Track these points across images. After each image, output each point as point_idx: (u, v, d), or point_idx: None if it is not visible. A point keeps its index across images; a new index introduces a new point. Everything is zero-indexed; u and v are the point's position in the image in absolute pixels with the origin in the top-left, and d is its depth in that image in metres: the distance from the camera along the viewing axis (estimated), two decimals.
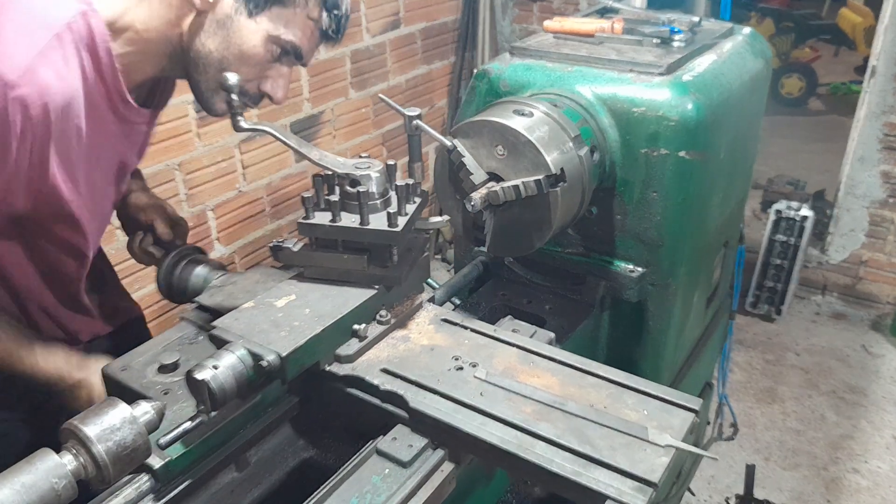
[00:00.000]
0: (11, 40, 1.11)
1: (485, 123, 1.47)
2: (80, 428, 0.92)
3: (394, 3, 3.78)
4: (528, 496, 1.60)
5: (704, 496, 2.94)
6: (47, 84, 1.12)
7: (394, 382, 1.15)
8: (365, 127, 3.83)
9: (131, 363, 1.27)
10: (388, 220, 1.18)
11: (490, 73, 1.75)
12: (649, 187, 1.60)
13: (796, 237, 3.85)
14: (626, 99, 1.58)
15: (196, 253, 1.58)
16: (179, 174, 2.96)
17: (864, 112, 3.68)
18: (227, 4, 1.28)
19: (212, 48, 1.30)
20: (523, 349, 1.24)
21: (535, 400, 1.11)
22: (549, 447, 1.03)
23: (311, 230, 1.22)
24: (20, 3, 1.15)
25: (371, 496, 1.02)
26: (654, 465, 0.99)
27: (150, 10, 1.27)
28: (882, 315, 4.02)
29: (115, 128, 1.33)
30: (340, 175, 1.22)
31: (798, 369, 3.69)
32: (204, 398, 1.01)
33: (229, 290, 1.43)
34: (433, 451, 1.10)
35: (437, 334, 1.27)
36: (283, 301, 1.19)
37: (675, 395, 1.12)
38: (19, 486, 0.86)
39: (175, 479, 1.07)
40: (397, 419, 1.14)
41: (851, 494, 2.96)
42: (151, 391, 1.20)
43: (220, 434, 1.12)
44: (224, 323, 1.14)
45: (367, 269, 1.22)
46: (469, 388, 1.14)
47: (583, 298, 1.72)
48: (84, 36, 1.18)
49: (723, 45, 1.85)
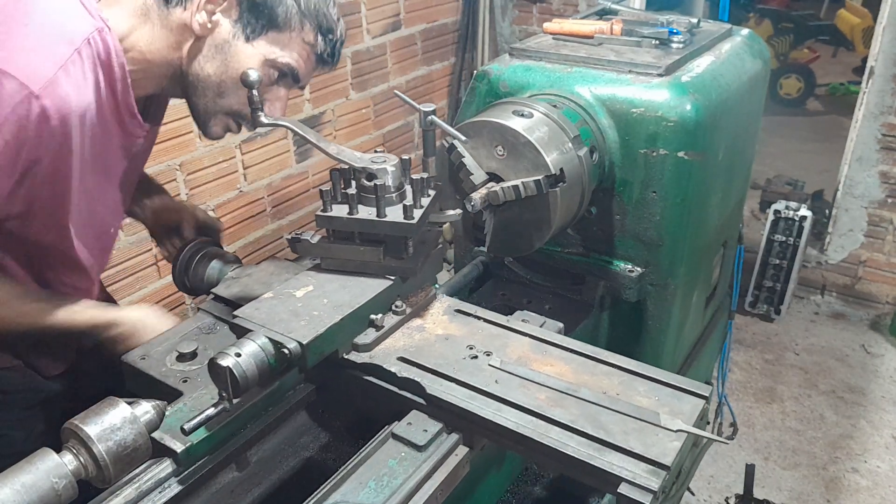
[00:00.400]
0: (33, 50, 1.14)
1: (485, 124, 1.47)
2: (80, 427, 0.92)
3: (394, 4, 3.79)
4: (528, 496, 1.61)
5: (704, 496, 2.94)
6: (67, 97, 1.15)
7: (410, 370, 1.18)
8: (365, 127, 3.84)
9: (150, 352, 1.30)
10: (403, 213, 1.21)
11: (490, 74, 1.76)
12: (648, 187, 1.61)
13: (795, 237, 3.85)
14: (625, 100, 1.58)
15: (211, 246, 1.61)
16: (180, 174, 2.97)
17: (862, 112, 3.68)
18: (224, 30, 1.31)
19: (210, 72, 1.33)
20: (536, 338, 1.27)
21: (549, 387, 1.14)
22: (563, 432, 1.06)
23: (328, 222, 1.25)
24: (35, 12, 1.18)
25: (388, 479, 1.04)
26: (667, 449, 1.01)
27: (153, 33, 1.30)
28: (881, 315, 4.02)
29: (118, 141, 1.35)
30: (357, 169, 1.24)
31: (797, 369, 3.70)
32: (226, 385, 1.03)
33: (245, 281, 1.46)
34: (447, 436, 1.13)
35: (452, 324, 1.30)
36: (301, 291, 1.23)
37: (686, 382, 1.15)
38: (19, 485, 0.86)
39: (195, 464, 1.09)
40: (413, 406, 1.17)
41: (851, 494, 2.96)
42: (170, 379, 1.23)
43: (240, 419, 1.15)
44: (245, 312, 1.17)
45: (383, 260, 1.25)
46: (484, 375, 1.17)
47: (582, 298, 1.72)
48: (101, 52, 1.21)
49: (721, 47, 1.86)
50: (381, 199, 1.21)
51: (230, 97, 1.36)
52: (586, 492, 1.62)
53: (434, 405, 1.14)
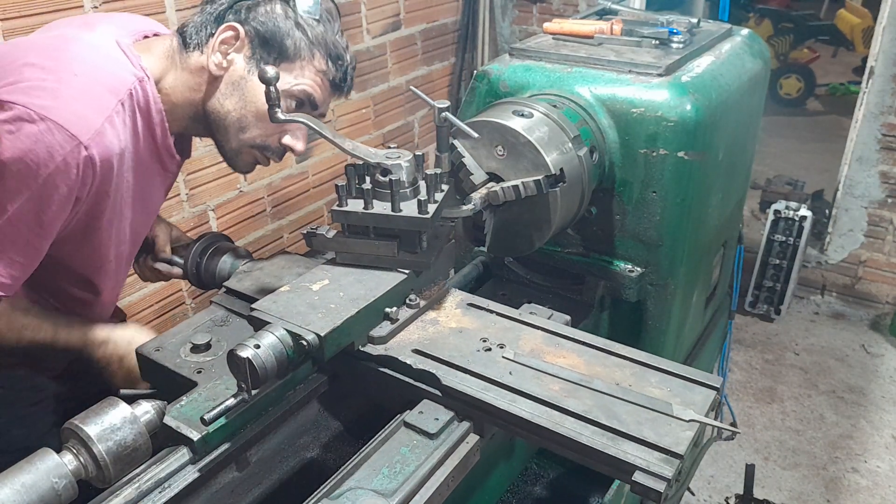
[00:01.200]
0: (80, 101, 1.21)
1: (485, 124, 1.47)
2: (80, 427, 0.93)
3: (394, 4, 3.79)
4: (529, 496, 1.61)
5: (704, 496, 2.95)
6: (112, 146, 1.24)
7: (425, 362, 1.19)
8: (366, 127, 3.84)
9: (164, 344, 1.32)
10: (418, 207, 1.22)
11: (490, 74, 1.76)
12: (648, 187, 1.61)
13: (795, 237, 3.85)
14: (625, 100, 1.58)
15: (222, 241, 1.64)
16: (181, 174, 2.96)
17: (862, 112, 3.69)
18: (239, 67, 1.37)
19: (230, 108, 1.39)
20: (548, 331, 1.28)
21: (563, 378, 1.16)
22: (577, 422, 1.07)
23: (344, 217, 1.26)
24: (84, 62, 1.26)
25: (401, 465, 1.06)
26: (680, 438, 1.03)
27: (177, 77, 1.38)
28: (881, 315, 4.03)
29: (160, 179, 1.45)
30: (372, 164, 1.26)
31: (797, 369, 3.70)
32: (245, 377, 1.04)
33: (256, 275, 1.48)
34: (458, 424, 1.15)
35: (465, 317, 1.31)
36: (318, 285, 1.24)
37: (697, 374, 1.16)
38: (19, 485, 0.86)
39: (212, 451, 1.11)
40: (427, 396, 1.18)
41: (851, 494, 2.96)
42: (185, 370, 1.24)
43: (255, 408, 1.16)
44: (263, 305, 1.18)
45: (398, 254, 1.27)
46: (498, 367, 1.18)
47: (582, 298, 1.72)
48: (141, 101, 1.30)
49: (721, 47, 1.86)
50: (396, 194, 1.22)
51: (252, 130, 1.41)
52: (587, 491, 1.62)
53: (450, 396, 1.15)
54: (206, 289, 1.65)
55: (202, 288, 1.64)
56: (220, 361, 1.24)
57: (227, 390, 1.15)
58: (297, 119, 1.26)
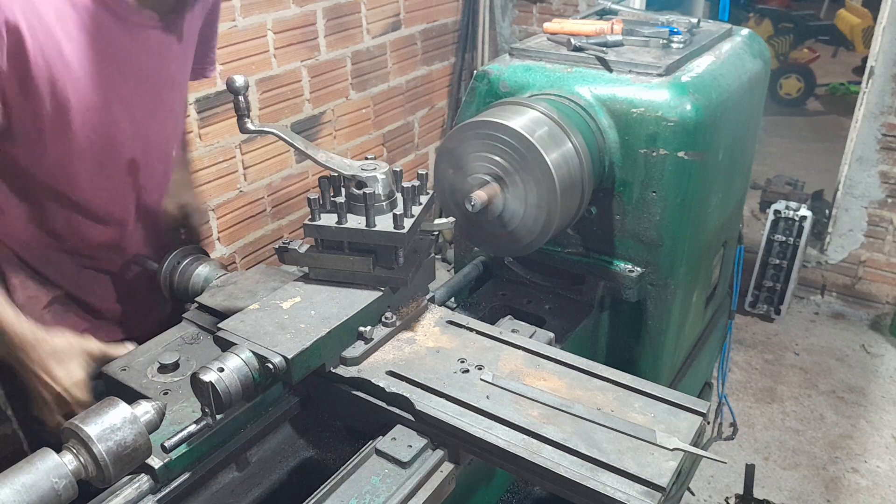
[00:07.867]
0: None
1: (485, 124, 1.47)
2: (80, 427, 0.92)
3: (394, 4, 3.78)
4: (528, 496, 1.61)
5: (704, 496, 2.94)
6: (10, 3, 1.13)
7: (399, 385, 1.15)
8: (365, 127, 3.83)
9: (131, 363, 1.27)
10: (394, 222, 1.17)
11: (490, 73, 1.76)
12: (648, 187, 1.61)
13: (795, 237, 3.85)
14: (625, 100, 1.58)
15: (197, 252, 1.58)
16: None
17: (862, 112, 3.68)
18: None
19: None
20: (529, 351, 1.23)
21: (542, 403, 1.11)
22: (555, 451, 1.03)
23: (317, 231, 1.21)
24: None
25: (370, 497, 1.02)
26: (663, 469, 0.98)
27: None
28: (881, 315, 4.03)
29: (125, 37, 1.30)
30: (346, 177, 1.22)
31: (797, 369, 3.70)
32: (209, 401, 1.01)
33: (230, 290, 1.43)
34: (432, 452, 1.10)
35: (443, 336, 1.27)
36: (288, 303, 1.19)
37: (683, 398, 1.12)
38: (19, 485, 0.86)
39: (174, 478, 1.07)
40: (401, 421, 1.14)
41: (851, 494, 2.96)
42: (151, 391, 1.20)
43: (220, 434, 1.12)
44: (229, 325, 1.13)
45: (373, 270, 1.22)
46: (475, 390, 1.13)
47: (582, 298, 1.72)
48: None
49: (721, 47, 1.86)
50: (371, 208, 1.17)
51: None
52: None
53: (423, 422, 1.11)
54: (180, 303, 1.56)
55: (174, 301, 1.55)
56: (188, 382, 1.18)
57: (193, 413, 1.10)
58: (268, 130, 1.22)
